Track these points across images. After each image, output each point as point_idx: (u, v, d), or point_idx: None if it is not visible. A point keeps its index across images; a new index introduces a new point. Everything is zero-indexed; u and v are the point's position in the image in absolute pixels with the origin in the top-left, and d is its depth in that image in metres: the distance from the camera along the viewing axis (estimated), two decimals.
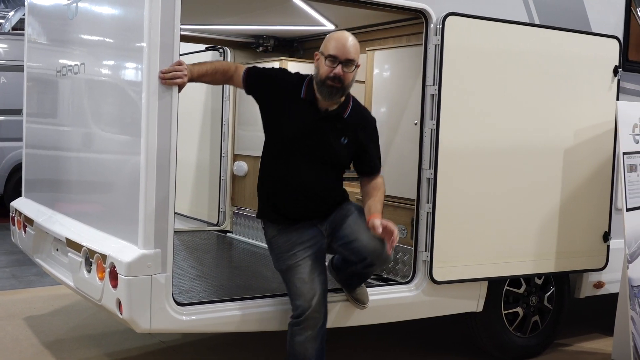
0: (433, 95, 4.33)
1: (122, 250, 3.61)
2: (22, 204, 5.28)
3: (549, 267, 4.87)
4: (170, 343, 5.29)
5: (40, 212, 4.89)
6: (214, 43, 6.43)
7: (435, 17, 4.29)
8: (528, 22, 4.70)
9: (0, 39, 11.18)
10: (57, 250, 4.60)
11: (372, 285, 4.38)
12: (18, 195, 5.57)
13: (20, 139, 5.55)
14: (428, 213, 4.38)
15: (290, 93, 3.76)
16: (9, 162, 10.64)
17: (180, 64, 3.57)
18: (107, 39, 4.21)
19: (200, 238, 6.19)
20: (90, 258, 3.87)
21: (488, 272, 4.62)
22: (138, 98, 3.62)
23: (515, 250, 4.70)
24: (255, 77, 3.85)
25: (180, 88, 3.62)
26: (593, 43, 4.93)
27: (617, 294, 5.01)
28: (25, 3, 5.60)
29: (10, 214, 5.39)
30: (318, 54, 3.72)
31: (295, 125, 3.72)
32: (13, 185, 10.41)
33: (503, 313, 4.95)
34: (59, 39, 4.93)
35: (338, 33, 3.74)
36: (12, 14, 17.40)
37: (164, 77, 3.51)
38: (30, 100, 5.47)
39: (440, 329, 5.74)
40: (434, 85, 4.32)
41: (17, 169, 10.31)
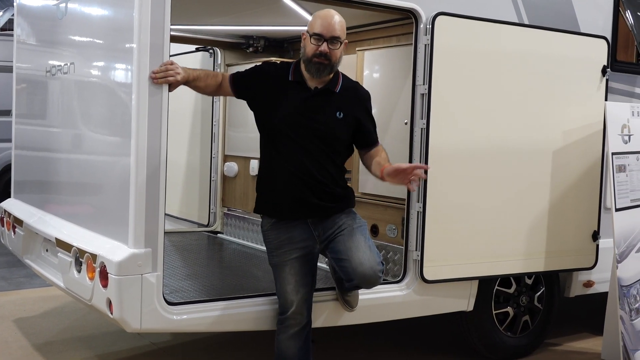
0: (423, 95, 4.35)
1: (112, 250, 3.60)
2: (11, 205, 5.25)
3: (539, 266, 4.89)
4: (161, 344, 5.28)
5: (30, 213, 4.87)
6: (204, 44, 6.42)
7: (425, 17, 4.31)
8: (517, 22, 4.73)
9: None
10: (46, 251, 4.58)
11: None
12: (7, 197, 5.55)
13: (10, 140, 5.53)
14: (418, 212, 4.39)
15: (278, 80, 3.77)
16: None
17: (172, 64, 3.57)
18: (96, 40, 4.20)
19: (191, 239, 6.18)
20: (80, 258, 3.86)
21: (478, 271, 4.64)
22: (128, 99, 3.62)
23: (506, 250, 4.72)
24: (242, 78, 3.87)
25: (173, 87, 3.62)
26: (581, 43, 4.96)
27: (606, 293, 5.04)
28: (14, 3, 5.57)
29: None
30: (305, 34, 3.74)
31: (288, 107, 3.70)
32: (2, 187, 10.36)
33: (493, 313, 4.97)
34: (49, 40, 4.91)
35: (324, 11, 3.74)
36: (0, 14, 17.32)
37: (156, 77, 3.51)
38: (20, 101, 5.45)
39: (431, 329, 5.75)
40: (424, 85, 4.33)
41: (6, 170, 10.25)
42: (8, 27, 16.66)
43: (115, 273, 3.51)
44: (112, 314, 3.57)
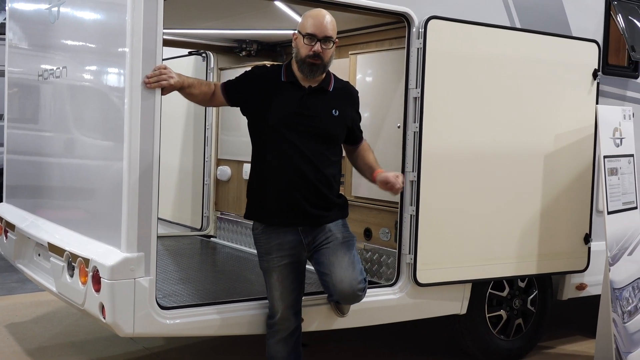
0: (416, 99, 4.36)
1: (105, 254, 3.60)
2: (3, 210, 5.24)
3: (532, 269, 4.90)
4: (154, 349, 5.26)
5: (22, 217, 4.86)
6: (197, 48, 6.42)
7: (418, 20, 4.32)
8: (509, 26, 4.75)
9: None
10: (39, 256, 4.57)
11: None
12: None
13: (2, 144, 5.52)
14: (412, 216, 4.39)
15: (271, 81, 3.76)
16: None
17: (165, 68, 3.57)
18: (89, 44, 4.20)
19: (184, 243, 6.17)
20: (73, 262, 3.85)
21: (471, 274, 4.65)
22: (120, 103, 3.62)
23: (498, 253, 4.73)
24: (233, 84, 3.86)
25: (167, 92, 3.61)
26: (573, 47, 4.99)
27: (599, 296, 5.05)
28: (6, 7, 5.56)
29: None
30: (296, 34, 3.73)
31: (283, 107, 3.68)
32: None
33: (487, 316, 4.97)
34: (41, 44, 4.91)
35: (314, 11, 3.74)
36: None
37: (149, 81, 3.50)
38: (12, 105, 5.43)
39: (425, 332, 5.75)
40: (417, 89, 4.34)
41: None
42: (0, 31, 16.62)
43: (108, 277, 3.50)
44: (104, 319, 3.56)
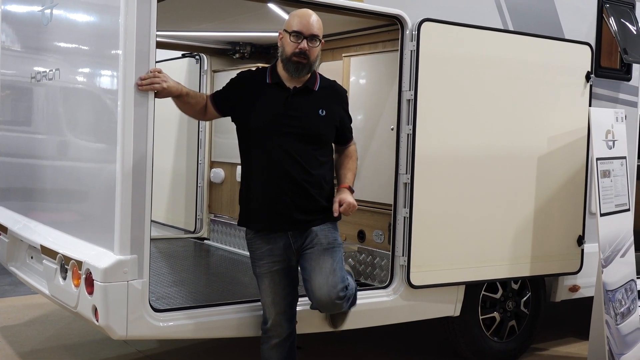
0: (409, 101, 4.36)
1: (98, 257, 3.59)
2: None
3: (525, 271, 4.91)
4: (148, 352, 5.25)
5: (15, 220, 4.84)
6: (191, 50, 6.43)
7: (411, 23, 4.33)
8: (502, 28, 4.76)
9: None
10: (31, 258, 4.56)
11: None
12: None
13: None
14: (405, 218, 4.40)
15: (256, 84, 3.74)
16: None
17: (160, 72, 3.56)
18: (82, 46, 4.19)
19: (177, 245, 6.16)
20: (66, 265, 3.84)
21: (465, 276, 4.65)
22: (114, 106, 3.61)
23: (492, 255, 4.74)
24: (220, 93, 3.84)
25: (161, 96, 3.60)
26: (566, 49, 5.00)
27: (592, 298, 5.06)
28: None
29: None
30: (282, 33, 3.71)
31: (267, 109, 3.66)
32: None
33: (480, 318, 4.98)
34: (34, 46, 4.89)
35: (300, 10, 3.73)
36: None
37: (142, 83, 3.49)
38: (4, 108, 5.41)
39: (418, 335, 5.75)
40: (410, 91, 4.35)
41: None
42: None
43: (101, 280, 3.49)
44: (97, 321, 3.56)
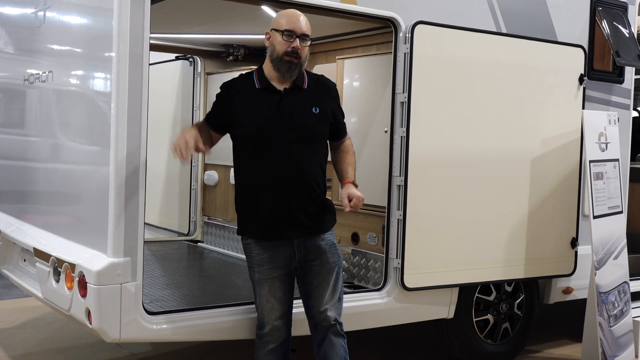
0: (403, 103, 4.37)
1: (91, 259, 3.58)
2: None
3: (519, 273, 4.92)
4: (141, 355, 5.24)
5: (8, 222, 4.83)
6: (184, 52, 6.42)
7: (404, 25, 4.34)
8: (495, 31, 4.77)
9: None
10: (24, 261, 4.54)
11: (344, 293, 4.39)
12: None
13: None
14: (399, 220, 4.40)
15: (245, 91, 3.67)
16: None
17: (186, 141, 3.49)
18: (75, 48, 4.18)
19: (171, 248, 6.15)
20: (59, 267, 3.83)
21: (459, 278, 4.66)
22: (107, 108, 3.60)
23: (486, 257, 4.75)
24: (212, 114, 3.76)
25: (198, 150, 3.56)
26: (559, 52, 5.02)
27: (585, 300, 5.07)
28: None
29: None
30: (269, 33, 3.65)
31: (262, 115, 3.60)
32: None
33: (474, 320, 4.98)
34: (27, 48, 4.88)
35: (288, 10, 3.69)
36: None
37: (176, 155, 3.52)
38: None
39: (412, 337, 5.76)
40: (404, 93, 4.36)
41: None
42: None
43: (94, 282, 3.48)
44: (91, 324, 3.55)
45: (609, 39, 5.34)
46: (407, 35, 4.33)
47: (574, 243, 5.13)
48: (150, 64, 3.64)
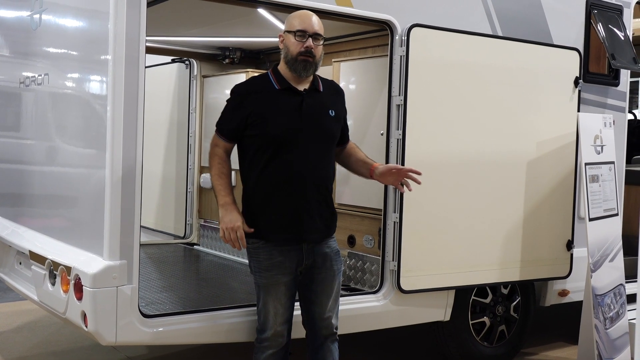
0: (399, 106, 4.37)
1: (87, 262, 3.57)
2: None
3: (515, 275, 4.92)
4: (137, 358, 5.23)
5: (3, 225, 4.82)
6: (180, 55, 6.42)
7: (401, 28, 4.34)
8: (491, 34, 4.78)
9: None
10: (20, 264, 4.54)
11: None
12: None
13: None
14: (395, 223, 4.40)
15: (264, 92, 3.62)
16: None
17: (234, 230, 3.54)
18: (71, 51, 4.18)
19: (167, 251, 6.14)
20: (55, 270, 3.82)
21: (455, 281, 4.66)
22: (103, 111, 3.60)
23: (482, 259, 4.75)
24: (227, 126, 3.66)
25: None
26: (554, 55, 5.03)
27: (581, 302, 5.08)
28: None
29: None
30: (283, 35, 3.66)
31: (285, 113, 3.58)
32: None
33: (470, 323, 4.98)
34: (22, 51, 4.88)
35: (300, 11, 3.71)
36: None
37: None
38: None
39: (408, 339, 5.75)
40: (400, 96, 4.36)
41: None
42: None
43: (90, 285, 3.47)
44: (86, 327, 3.54)
45: (605, 42, 5.35)
46: (403, 38, 4.34)
47: (570, 245, 5.14)
48: (146, 67, 3.64)
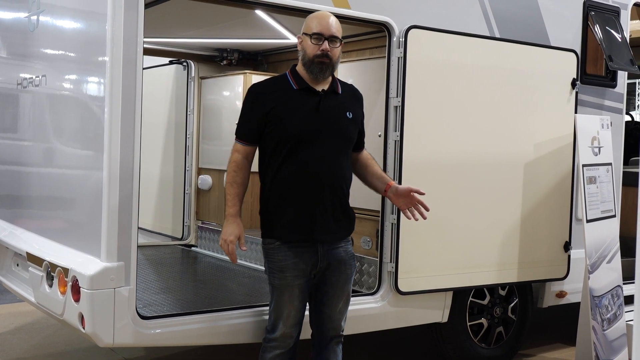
0: (396, 107, 4.38)
1: (84, 264, 3.57)
2: None
3: (512, 277, 4.92)
4: None
5: (0, 227, 4.81)
6: (178, 56, 6.42)
7: (398, 30, 4.35)
8: (489, 35, 4.79)
9: None
10: (17, 266, 4.53)
11: None
12: None
13: None
14: (393, 224, 4.41)
15: (282, 92, 3.64)
16: None
17: (226, 243, 3.63)
18: (68, 53, 4.18)
19: (165, 252, 6.14)
20: (52, 272, 3.82)
21: (453, 282, 4.66)
22: (100, 112, 3.60)
23: (479, 261, 4.75)
24: (247, 128, 3.65)
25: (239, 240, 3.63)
26: (552, 56, 5.03)
27: (579, 304, 5.08)
28: None
29: None
30: (301, 37, 3.68)
31: (302, 113, 3.59)
32: None
33: (468, 324, 4.98)
34: (20, 52, 4.88)
35: (318, 13, 3.73)
36: None
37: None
38: None
39: (406, 341, 5.75)
40: (398, 98, 4.37)
41: None
42: None
43: (88, 287, 3.47)
44: (84, 329, 3.54)
45: (602, 44, 5.36)
46: (400, 40, 4.34)
47: (567, 247, 5.15)
48: (144, 68, 3.65)
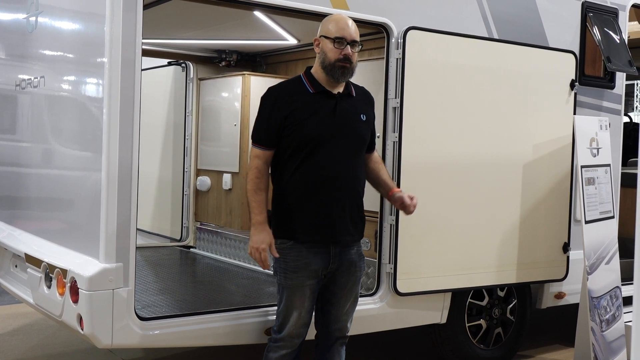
0: (395, 109, 4.38)
1: (83, 265, 3.57)
2: None
3: (511, 278, 4.93)
4: None
5: None
6: (176, 58, 6.42)
7: (397, 31, 4.35)
8: (487, 37, 4.79)
9: None
10: (15, 267, 4.53)
11: None
12: None
13: None
14: (391, 225, 4.41)
15: (298, 95, 3.64)
16: None
17: (258, 251, 3.59)
18: (67, 54, 4.18)
19: (163, 253, 6.14)
20: (50, 273, 3.82)
21: (451, 283, 4.66)
22: (99, 114, 3.60)
23: (478, 262, 4.75)
24: (266, 133, 3.63)
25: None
26: (550, 58, 5.04)
27: (577, 305, 5.08)
28: None
29: None
30: (319, 39, 3.67)
31: (319, 115, 3.60)
32: None
33: (466, 325, 4.99)
34: (18, 53, 4.88)
35: (337, 16, 3.72)
36: None
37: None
38: None
39: (404, 342, 5.75)
40: (396, 99, 4.37)
41: None
42: None
43: (86, 288, 3.47)
44: (82, 330, 3.54)
45: (600, 45, 5.36)
46: (399, 41, 4.35)
47: (566, 248, 5.15)
48: (143, 70, 3.64)
